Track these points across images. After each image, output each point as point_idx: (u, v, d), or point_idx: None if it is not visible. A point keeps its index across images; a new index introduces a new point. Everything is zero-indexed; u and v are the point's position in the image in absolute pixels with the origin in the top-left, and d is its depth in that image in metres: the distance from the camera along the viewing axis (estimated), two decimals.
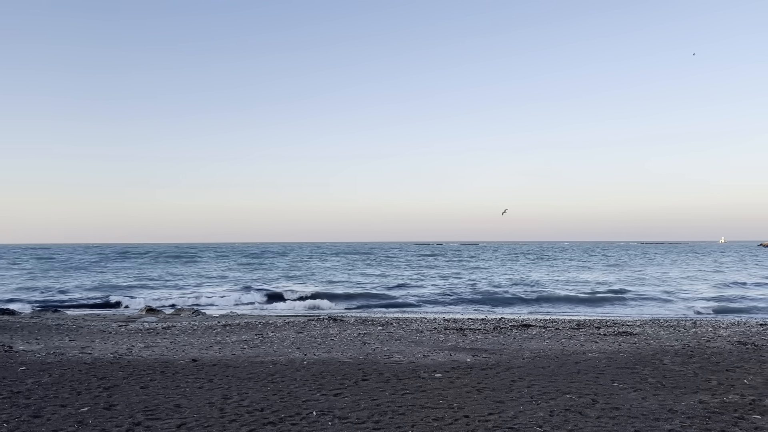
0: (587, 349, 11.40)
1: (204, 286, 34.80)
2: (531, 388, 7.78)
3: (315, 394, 7.44)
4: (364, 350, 11.19)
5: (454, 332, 14.04)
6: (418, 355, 10.69)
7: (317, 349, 11.30)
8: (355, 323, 15.96)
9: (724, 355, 10.48)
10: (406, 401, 7.08)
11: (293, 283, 36.44)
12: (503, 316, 20.17)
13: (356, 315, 20.54)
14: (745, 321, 18.01)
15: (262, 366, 9.43)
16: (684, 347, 11.50)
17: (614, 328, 14.83)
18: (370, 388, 7.79)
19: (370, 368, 9.23)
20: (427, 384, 8.08)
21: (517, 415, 6.44)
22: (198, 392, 7.57)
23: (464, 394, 7.45)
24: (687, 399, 7.21)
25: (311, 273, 45.72)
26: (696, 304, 25.67)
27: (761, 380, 8.30)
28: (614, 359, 10.10)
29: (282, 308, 25.26)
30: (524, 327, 15.15)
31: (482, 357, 10.43)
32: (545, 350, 11.22)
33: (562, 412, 6.59)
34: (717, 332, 14.08)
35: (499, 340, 12.71)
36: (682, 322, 17.06)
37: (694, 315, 22.30)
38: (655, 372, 8.94)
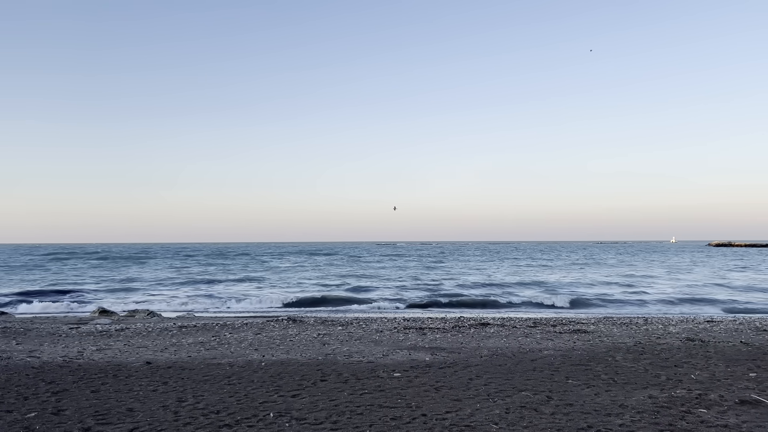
0: (543, 346, 11.61)
1: (152, 288, 33.99)
2: (488, 386, 7.88)
3: (272, 396, 7.36)
4: (324, 351, 11.14)
5: (413, 331, 14.11)
6: (378, 354, 10.70)
7: (276, 350, 11.19)
8: (314, 324, 15.88)
9: (673, 351, 10.83)
10: (364, 401, 7.08)
11: (244, 285, 36.00)
12: (462, 315, 20.37)
13: (316, 315, 20.44)
14: (693, 318, 18.66)
15: (219, 368, 9.28)
16: (636, 344, 11.83)
17: (569, 326, 15.15)
18: (329, 389, 7.76)
19: (329, 369, 9.19)
20: (386, 383, 8.09)
21: (473, 413, 6.51)
22: (152, 395, 7.40)
23: (422, 393, 7.49)
24: (637, 394, 7.42)
25: (266, 273, 45.22)
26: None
27: (707, 375, 8.61)
28: (569, 356, 10.32)
29: (237, 309, 24.92)
30: (482, 326, 15.34)
31: (441, 356, 10.51)
32: (502, 348, 11.38)
33: (518, 409, 6.70)
34: (667, 329, 14.55)
35: (457, 339, 12.83)
36: (635, 319, 17.56)
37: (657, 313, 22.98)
38: (608, 368, 9.17)
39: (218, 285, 35.14)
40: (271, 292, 30.16)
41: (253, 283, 36.49)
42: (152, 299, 27.35)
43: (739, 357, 10.20)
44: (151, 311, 21.44)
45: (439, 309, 24.75)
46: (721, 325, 15.62)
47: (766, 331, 14.11)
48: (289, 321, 16.24)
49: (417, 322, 16.42)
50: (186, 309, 24.88)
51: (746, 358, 10.05)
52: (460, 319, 17.84)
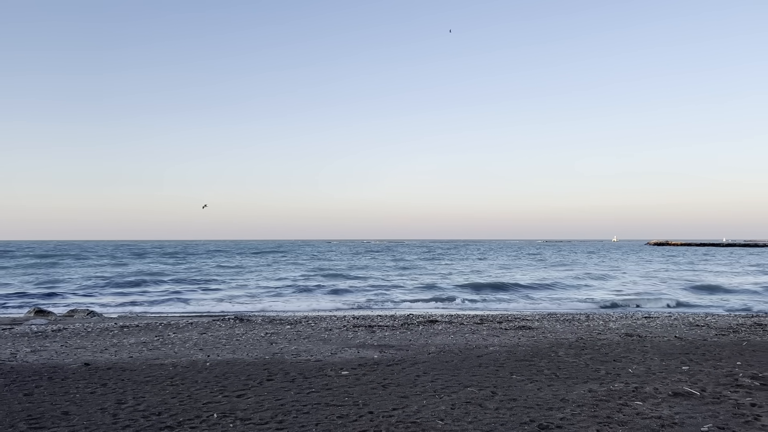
0: (489, 343, 11.82)
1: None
2: (434, 383, 7.96)
3: (217, 396, 7.22)
4: (271, 350, 11.01)
5: (362, 329, 14.12)
6: (326, 353, 10.65)
7: (221, 350, 10.98)
8: (262, 323, 15.67)
9: (612, 347, 11.21)
10: (311, 400, 7.03)
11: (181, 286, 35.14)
12: (412, 312, 20.52)
13: (264, 314, 20.17)
14: (632, 314, 19.38)
15: (162, 368, 9.04)
16: (577, 340, 12.19)
17: (515, 323, 15.48)
18: (275, 388, 7.67)
19: (276, 368, 9.08)
20: (334, 382, 8.06)
21: (420, 410, 6.56)
22: (89, 398, 7.14)
23: (370, 391, 7.50)
24: (578, 388, 7.65)
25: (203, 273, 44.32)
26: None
27: (644, 369, 8.96)
28: (514, 352, 10.54)
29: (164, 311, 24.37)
30: (431, 323, 15.49)
31: (389, 353, 10.56)
32: (450, 345, 11.52)
33: (463, 404, 6.79)
34: (607, 325, 15.05)
35: (406, 336, 12.91)
36: (577, 316, 18.09)
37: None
38: (551, 364, 9.42)
39: (152, 286, 33.40)
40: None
41: (192, 286, 34.30)
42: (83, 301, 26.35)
43: (673, 351, 10.65)
44: (92, 311, 20.68)
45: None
46: (658, 320, 16.28)
47: (698, 326, 14.79)
48: (236, 320, 15.97)
49: (366, 320, 16.44)
50: (129, 309, 24.14)
51: (680, 352, 10.50)
52: (409, 316, 17.96)
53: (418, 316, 18.18)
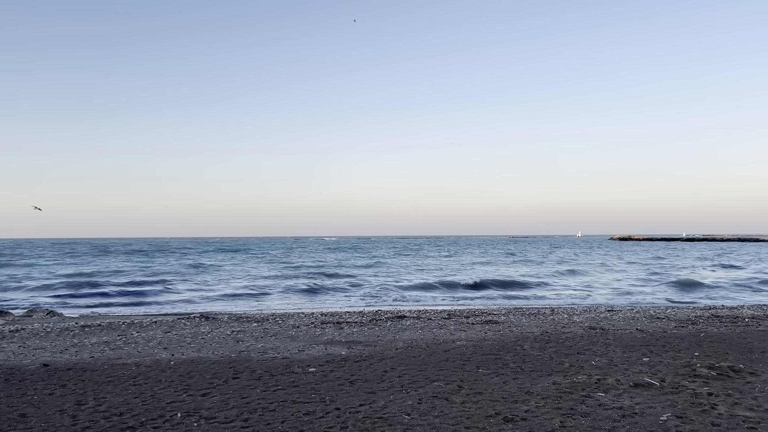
0: (456, 337, 11.90)
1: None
2: (402, 378, 7.98)
3: (181, 395, 7.10)
4: (237, 348, 10.88)
5: (330, 326, 14.07)
6: (293, 350, 10.58)
7: (186, 349, 10.80)
8: (228, 321, 15.48)
9: (576, 340, 11.41)
10: (277, 397, 6.97)
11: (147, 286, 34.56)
12: (380, 308, 20.54)
13: (231, 312, 19.94)
14: (595, 307, 19.77)
15: (124, 368, 8.85)
16: (542, 333, 12.37)
17: (482, 317, 15.63)
18: (241, 386, 7.58)
19: (242, 366, 8.98)
20: (301, 379, 8.01)
21: (387, 405, 6.57)
22: (48, 399, 6.94)
23: (337, 387, 7.48)
24: (543, 381, 7.76)
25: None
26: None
27: (606, 361, 9.14)
28: (480, 346, 10.64)
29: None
30: (399, 318, 15.53)
31: (357, 349, 10.54)
32: (417, 340, 11.57)
33: (430, 399, 6.83)
34: (572, 318, 15.32)
35: (374, 332, 12.91)
36: (542, 310, 18.36)
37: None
38: (516, 357, 9.54)
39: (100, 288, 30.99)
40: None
41: (157, 287, 32.64)
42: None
43: (635, 343, 10.90)
44: (52, 311, 20.12)
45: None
46: (620, 313, 16.64)
47: (659, 318, 15.17)
48: (201, 318, 15.74)
49: (334, 317, 16.39)
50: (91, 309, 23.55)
51: (641, 344, 10.75)
52: (377, 312, 17.97)
53: (386, 311, 18.21)
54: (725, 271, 41.40)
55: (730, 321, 14.30)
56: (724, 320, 14.45)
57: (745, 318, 14.90)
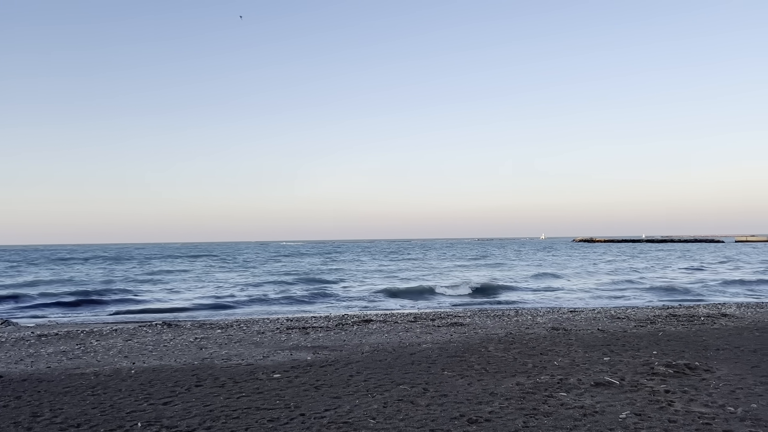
0: (422, 340, 11.96)
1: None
2: (367, 382, 7.98)
3: (142, 404, 6.94)
4: (200, 355, 10.70)
5: (296, 331, 13.96)
6: (258, 356, 10.47)
7: (148, 357, 10.58)
8: (191, 327, 15.22)
9: (539, 340, 11.59)
10: (241, 404, 6.89)
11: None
12: (347, 312, 20.48)
13: (193, 319, 19.60)
14: (558, 308, 20.10)
15: (83, 378, 8.61)
16: (507, 335, 12.53)
17: (447, 320, 15.73)
18: (204, 394, 7.46)
19: (205, 373, 8.84)
20: (265, 385, 7.93)
21: (352, 409, 6.55)
22: (2, 412, 6.70)
23: (302, 393, 7.42)
24: (506, 382, 7.85)
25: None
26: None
27: (568, 361, 9.31)
28: (445, 349, 10.71)
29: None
30: (365, 322, 15.51)
31: (323, 354, 10.49)
32: (383, 344, 11.57)
33: (396, 402, 6.84)
34: (535, 320, 15.54)
35: (340, 337, 12.87)
36: (507, 311, 18.59)
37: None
38: (481, 359, 9.63)
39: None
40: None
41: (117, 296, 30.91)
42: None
43: (596, 343, 11.13)
44: (7, 320, 19.45)
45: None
46: (582, 314, 16.97)
47: (619, 318, 15.52)
48: (163, 326, 15.43)
49: (300, 322, 16.28)
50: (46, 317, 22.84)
51: (602, 344, 10.98)
52: (344, 317, 17.91)
53: (352, 316, 18.16)
54: (702, 273, 41.76)
55: (686, 320, 14.72)
56: (681, 319, 14.87)
57: (700, 317, 15.36)
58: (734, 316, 15.40)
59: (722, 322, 14.24)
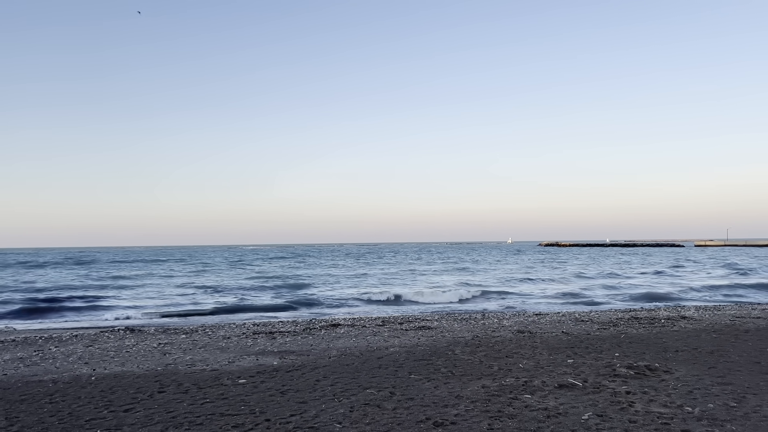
0: (390, 344, 11.97)
1: None
2: (334, 386, 7.94)
3: (102, 412, 6.78)
4: (164, 361, 10.51)
5: (263, 336, 13.83)
6: (223, 362, 10.33)
7: (109, 363, 10.34)
8: (155, 333, 14.94)
9: (505, 343, 11.71)
10: (205, 410, 6.78)
11: None
12: (314, 317, 20.37)
13: (158, 324, 19.24)
14: (524, 311, 20.37)
15: (40, 385, 8.36)
16: (473, 338, 12.63)
17: (415, 323, 15.79)
18: (167, 400, 7.32)
19: (169, 379, 8.68)
20: (230, 391, 7.83)
21: (318, 414, 6.52)
22: None
23: (267, 398, 7.35)
24: (472, 385, 7.92)
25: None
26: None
27: (533, 364, 9.43)
28: (413, 352, 10.74)
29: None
30: (333, 326, 15.45)
31: (289, 359, 10.41)
32: (351, 348, 11.55)
33: (362, 406, 6.82)
34: (501, 323, 15.71)
35: (308, 341, 12.79)
36: (474, 315, 18.74)
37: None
38: (448, 362, 9.69)
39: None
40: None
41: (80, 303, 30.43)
42: None
43: (560, 345, 11.30)
44: None
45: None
46: (547, 317, 17.21)
47: (583, 321, 15.80)
48: (126, 331, 15.11)
49: (267, 327, 16.13)
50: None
51: (566, 346, 11.16)
52: (311, 321, 17.82)
53: (320, 320, 18.08)
54: (663, 276, 42.51)
55: (647, 322, 15.07)
56: (643, 321, 15.22)
57: (661, 319, 15.74)
58: (693, 319, 15.83)
59: (681, 324, 14.62)
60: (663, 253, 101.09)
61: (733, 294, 29.69)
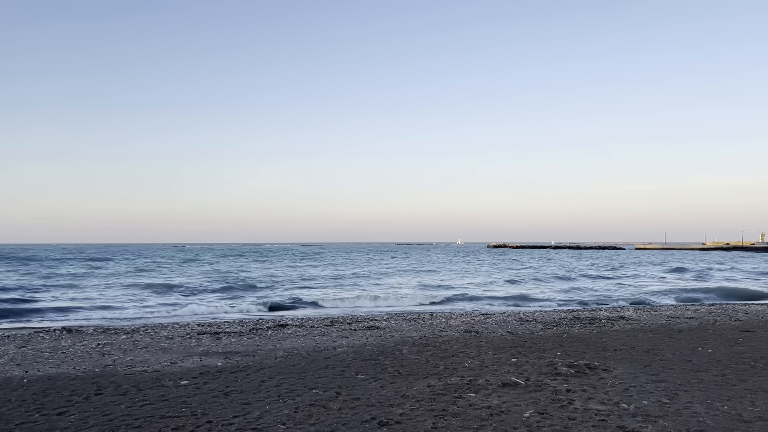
0: (338, 344, 11.92)
1: None
2: (279, 387, 7.85)
3: (33, 415, 6.49)
4: (102, 362, 10.15)
5: (207, 336, 13.54)
6: (165, 363, 10.05)
7: (43, 365, 9.90)
8: (94, 333, 14.41)
9: (452, 343, 11.85)
10: (144, 413, 6.58)
11: None
12: (262, 317, 20.09)
13: (97, 324, 18.57)
14: (471, 311, 20.67)
15: None
16: (421, 337, 12.73)
17: (364, 323, 15.78)
18: (104, 403, 7.07)
19: (107, 381, 8.39)
20: (171, 392, 7.62)
21: (262, 415, 6.42)
22: None
23: (210, 400, 7.20)
24: (418, 384, 7.97)
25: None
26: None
27: (478, 363, 9.57)
28: (361, 352, 10.73)
29: None
30: (281, 327, 15.27)
31: (234, 360, 10.23)
32: (298, 348, 11.44)
33: (307, 407, 6.77)
34: (449, 322, 15.89)
35: (254, 342, 12.60)
36: (422, 315, 18.88)
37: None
38: (395, 362, 9.72)
39: None
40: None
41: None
42: None
43: (505, 345, 11.52)
44: None
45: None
46: (493, 317, 17.52)
47: (528, 321, 16.16)
48: (63, 331, 14.52)
49: (212, 327, 15.80)
50: None
51: (510, 346, 11.38)
52: (258, 321, 17.57)
53: (267, 320, 17.85)
54: (609, 280, 44.51)
55: (589, 322, 15.54)
56: (584, 322, 15.68)
57: (601, 319, 16.26)
58: (631, 319, 16.42)
59: (620, 324, 15.14)
60: (605, 255, 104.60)
61: (672, 294, 30.89)
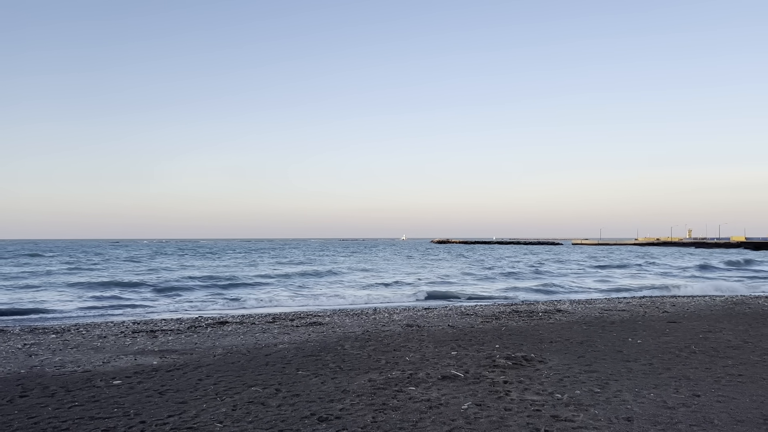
0: (279, 341, 11.79)
1: None
2: (217, 385, 7.69)
3: None
4: (29, 363, 9.67)
5: (143, 334, 13.12)
6: (97, 362, 9.67)
7: None
8: (21, 333, 13.71)
9: (394, 337, 11.93)
10: (72, 414, 6.31)
11: None
12: (201, 314, 19.62)
13: (24, 324, 17.67)
14: (414, 306, 20.86)
15: None
16: (363, 332, 12.74)
17: (306, 320, 15.67)
18: (29, 405, 6.74)
19: (33, 382, 8.00)
20: (103, 393, 7.34)
21: (198, 414, 6.28)
22: None
23: (144, 399, 6.97)
24: (359, 379, 7.98)
25: None
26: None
27: (419, 357, 9.67)
28: (302, 348, 10.65)
29: None
30: (220, 324, 14.98)
31: (171, 358, 9.95)
32: (238, 346, 11.24)
33: (246, 405, 6.66)
34: (392, 317, 15.99)
35: (192, 340, 12.29)
36: (365, 310, 18.92)
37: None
38: (336, 357, 9.70)
39: None
40: None
41: None
42: None
43: (446, 338, 11.69)
44: None
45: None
46: (435, 311, 17.74)
47: (468, 315, 16.45)
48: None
49: (148, 325, 15.32)
50: None
51: (451, 339, 11.56)
52: (197, 318, 17.15)
53: (207, 318, 17.45)
54: (546, 276, 45.69)
55: (526, 315, 15.96)
56: (522, 315, 16.10)
57: (539, 312, 16.74)
58: (567, 312, 16.98)
59: (557, 317, 15.63)
60: (545, 249, 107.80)
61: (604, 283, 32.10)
